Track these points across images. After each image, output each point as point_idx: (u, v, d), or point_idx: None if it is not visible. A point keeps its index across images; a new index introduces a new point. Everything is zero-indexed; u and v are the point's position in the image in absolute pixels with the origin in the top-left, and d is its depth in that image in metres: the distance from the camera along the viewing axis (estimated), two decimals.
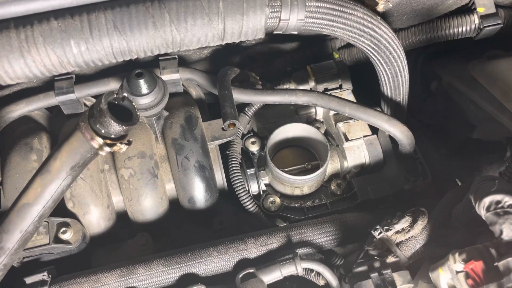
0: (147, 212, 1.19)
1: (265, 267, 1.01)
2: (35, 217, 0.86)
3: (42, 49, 0.95)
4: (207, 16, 0.97)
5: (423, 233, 0.98)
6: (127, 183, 1.17)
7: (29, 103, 1.21)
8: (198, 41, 1.01)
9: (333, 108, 1.24)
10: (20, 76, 0.98)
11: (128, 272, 1.03)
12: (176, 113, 1.24)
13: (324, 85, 1.39)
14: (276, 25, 1.04)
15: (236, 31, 1.01)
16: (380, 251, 0.98)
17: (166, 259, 1.05)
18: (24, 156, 1.17)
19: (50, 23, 0.94)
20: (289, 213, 1.27)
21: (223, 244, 1.07)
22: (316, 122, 1.44)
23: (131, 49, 0.99)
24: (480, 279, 0.80)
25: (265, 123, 1.43)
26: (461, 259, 0.82)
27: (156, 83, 1.12)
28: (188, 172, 1.18)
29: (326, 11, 1.03)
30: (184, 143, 1.20)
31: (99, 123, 0.77)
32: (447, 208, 0.99)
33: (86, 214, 1.16)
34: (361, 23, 1.06)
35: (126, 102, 0.81)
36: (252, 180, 1.30)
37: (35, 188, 0.85)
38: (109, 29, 0.95)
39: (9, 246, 0.88)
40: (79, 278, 1.03)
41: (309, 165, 1.34)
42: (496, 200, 0.82)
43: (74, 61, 0.98)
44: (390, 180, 1.26)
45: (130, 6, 0.96)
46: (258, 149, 1.36)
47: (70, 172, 0.84)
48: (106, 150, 0.80)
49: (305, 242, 1.08)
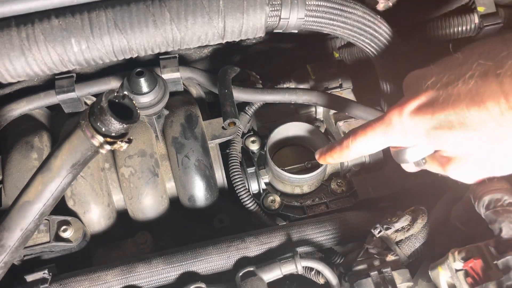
0: (147, 210, 1.19)
1: (265, 266, 1.01)
2: (36, 215, 0.86)
3: (43, 47, 0.95)
4: (208, 14, 0.97)
5: (422, 232, 0.98)
6: (128, 181, 1.17)
7: (29, 102, 1.21)
8: (199, 39, 1.01)
9: (333, 107, 1.24)
10: (21, 74, 0.99)
11: (129, 270, 1.04)
12: (177, 112, 1.24)
13: (324, 84, 1.39)
14: (276, 24, 1.04)
15: (236, 29, 1.01)
16: (380, 249, 0.98)
17: (167, 257, 1.05)
18: (25, 155, 1.17)
19: (51, 21, 0.94)
20: (289, 212, 1.27)
21: (223, 242, 1.07)
22: (316, 121, 1.44)
23: (132, 47, 1.00)
24: (479, 277, 0.80)
25: (265, 122, 1.43)
26: (461, 257, 0.82)
27: (157, 81, 1.12)
28: (189, 171, 1.19)
29: (326, 10, 1.03)
30: (184, 141, 1.20)
31: (100, 121, 0.77)
32: (447, 207, 0.99)
33: (87, 213, 1.16)
34: (361, 22, 1.06)
35: (127, 101, 0.81)
36: (252, 178, 1.30)
37: (36, 186, 0.85)
38: (109, 27, 0.96)
39: (10, 244, 0.88)
40: (80, 276, 1.04)
41: (309, 164, 1.34)
42: (496, 199, 0.82)
43: (75, 59, 0.98)
44: (390, 179, 1.26)
45: (130, 4, 0.96)
46: (258, 148, 1.36)
47: (71, 170, 0.84)
48: (106, 148, 0.81)
49: (305, 241, 1.08)
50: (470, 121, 0.72)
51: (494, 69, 0.69)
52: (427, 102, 0.77)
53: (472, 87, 0.70)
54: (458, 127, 0.73)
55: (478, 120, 0.71)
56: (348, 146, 0.90)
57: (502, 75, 0.67)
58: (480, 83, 0.70)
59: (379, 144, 0.87)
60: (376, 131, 0.85)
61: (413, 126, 0.79)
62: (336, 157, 0.95)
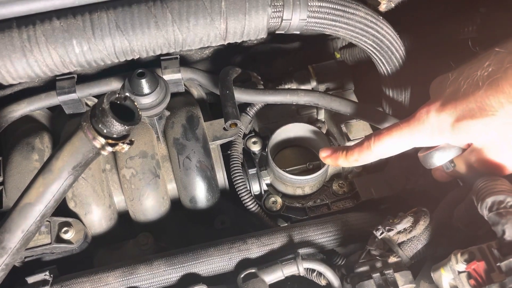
0: (148, 212, 1.19)
1: (267, 267, 1.00)
2: (37, 216, 0.86)
3: (44, 49, 0.95)
4: (209, 16, 0.97)
5: (425, 233, 0.97)
6: (129, 183, 1.17)
7: (30, 103, 1.21)
8: (200, 41, 1.01)
9: (335, 108, 1.24)
10: (22, 76, 0.98)
11: (130, 272, 1.03)
12: (178, 113, 1.24)
13: (326, 85, 1.39)
14: (278, 25, 1.04)
15: (238, 31, 1.01)
16: (382, 251, 0.97)
17: (168, 259, 1.05)
18: (26, 156, 1.17)
19: (52, 23, 0.94)
20: (291, 213, 1.27)
21: (225, 244, 1.07)
22: (318, 122, 1.44)
23: (133, 48, 0.99)
24: (482, 279, 0.79)
25: (267, 123, 1.43)
26: (463, 259, 0.82)
27: (158, 83, 1.12)
28: (190, 172, 1.18)
29: (328, 11, 1.03)
30: (185, 143, 1.20)
31: (101, 123, 0.77)
32: (449, 208, 0.99)
33: (88, 214, 1.16)
34: (364, 23, 1.06)
35: (128, 102, 0.81)
36: (254, 180, 1.30)
37: (37, 188, 0.85)
38: (111, 28, 0.95)
39: (11, 246, 0.88)
40: (81, 278, 1.03)
41: (311, 165, 1.34)
42: (499, 200, 0.82)
43: (76, 60, 0.98)
44: (391, 180, 1.26)
45: (132, 6, 0.96)
46: (259, 149, 1.36)
47: (72, 172, 0.84)
48: (108, 150, 0.80)
49: (307, 242, 1.08)
50: (489, 106, 0.75)
51: (509, 55, 0.72)
52: (450, 97, 0.81)
53: (490, 73, 0.74)
54: (479, 114, 0.77)
55: (495, 103, 0.74)
56: (370, 147, 0.91)
57: None
58: (496, 69, 0.73)
59: (405, 145, 0.89)
60: (403, 131, 0.87)
61: (439, 122, 0.82)
62: (352, 159, 0.96)
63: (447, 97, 0.82)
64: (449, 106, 0.81)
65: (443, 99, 0.82)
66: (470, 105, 0.77)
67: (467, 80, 0.78)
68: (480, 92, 0.75)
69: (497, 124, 0.76)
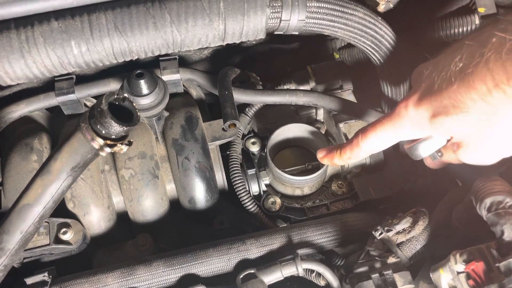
0: (147, 212, 1.18)
1: (266, 268, 1.00)
2: (36, 217, 0.86)
3: (42, 50, 0.95)
4: (208, 16, 0.97)
5: (424, 234, 0.97)
6: (128, 183, 1.17)
7: (29, 104, 1.20)
8: (199, 41, 1.01)
9: (334, 108, 1.24)
10: (20, 77, 0.98)
11: (129, 273, 1.03)
12: (177, 114, 1.24)
13: (325, 85, 1.39)
14: (277, 26, 1.04)
15: (237, 31, 1.01)
16: (381, 251, 0.97)
17: (167, 260, 1.05)
18: (25, 157, 1.17)
19: (51, 24, 0.94)
20: (290, 214, 1.27)
21: (224, 244, 1.07)
22: (317, 122, 1.44)
23: (132, 49, 0.99)
24: (481, 280, 0.80)
25: (266, 124, 1.43)
26: (462, 259, 0.82)
27: (157, 83, 1.12)
28: (189, 173, 1.18)
29: (327, 12, 1.03)
30: (184, 143, 1.20)
31: (100, 124, 0.77)
32: (448, 209, 0.99)
33: (87, 215, 1.16)
34: (362, 24, 1.06)
35: (127, 103, 0.81)
36: (253, 180, 1.30)
37: (36, 189, 0.85)
38: (109, 29, 0.95)
39: (10, 247, 0.88)
40: (80, 279, 1.03)
41: (310, 166, 1.34)
42: (498, 201, 0.82)
43: (75, 61, 0.98)
44: (390, 180, 1.26)
45: (130, 6, 0.96)
46: (258, 149, 1.35)
47: (71, 173, 0.84)
48: (106, 150, 0.80)
49: (306, 243, 1.08)
50: (461, 103, 0.74)
51: (479, 48, 0.71)
52: (426, 91, 0.81)
53: (461, 68, 0.73)
54: (453, 111, 0.76)
55: (468, 100, 0.73)
56: (359, 144, 0.92)
57: (486, 53, 0.69)
58: (467, 64, 0.72)
59: (390, 139, 0.89)
60: (386, 126, 0.88)
61: (418, 117, 0.82)
62: (345, 157, 0.97)
63: (423, 91, 0.81)
64: (425, 101, 0.80)
65: (419, 93, 0.82)
66: (444, 101, 0.76)
67: (441, 74, 0.77)
68: (453, 88, 0.74)
69: (471, 121, 0.75)
